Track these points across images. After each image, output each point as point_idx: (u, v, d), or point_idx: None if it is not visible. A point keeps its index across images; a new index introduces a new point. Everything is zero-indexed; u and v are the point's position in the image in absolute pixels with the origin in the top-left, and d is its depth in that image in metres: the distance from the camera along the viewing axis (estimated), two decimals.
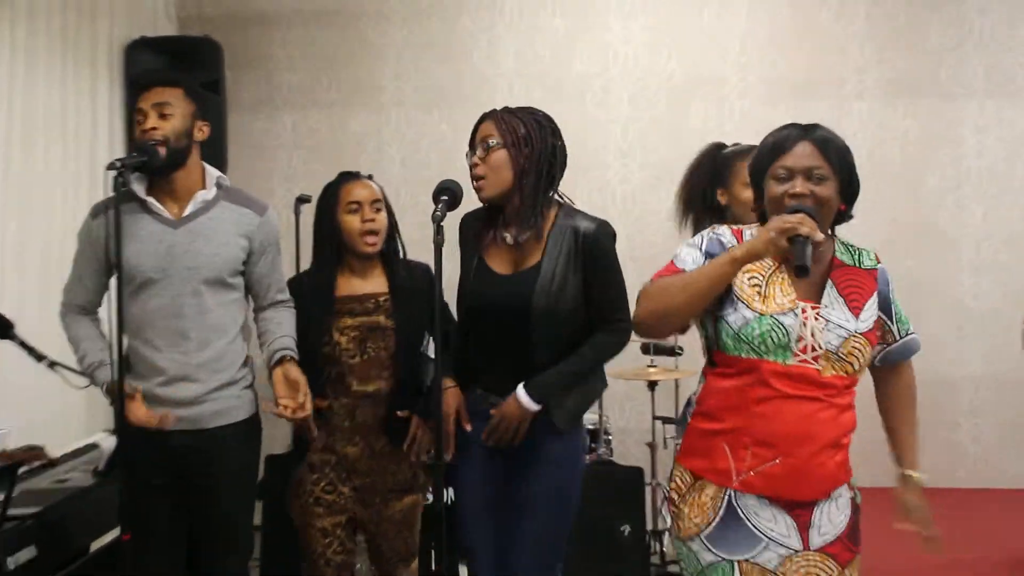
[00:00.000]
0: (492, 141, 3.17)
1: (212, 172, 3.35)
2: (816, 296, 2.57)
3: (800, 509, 2.55)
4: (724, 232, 2.67)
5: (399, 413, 3.47)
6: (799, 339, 2.51)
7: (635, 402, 6.02)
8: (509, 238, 3.24)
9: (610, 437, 5.37)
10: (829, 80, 6.10)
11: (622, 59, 6.17)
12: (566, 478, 3.27)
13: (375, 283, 3.56)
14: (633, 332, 3.22)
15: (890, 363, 2.74)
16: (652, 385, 5.25)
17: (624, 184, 6.15)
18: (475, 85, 6.21)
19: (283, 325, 3.39)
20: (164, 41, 5.81)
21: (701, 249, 2.66)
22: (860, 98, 6.09)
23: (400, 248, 3.63)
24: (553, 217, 3.25)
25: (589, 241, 3.21)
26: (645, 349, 5.26)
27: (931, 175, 6.16)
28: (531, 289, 3.17)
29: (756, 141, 3.63)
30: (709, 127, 5.99)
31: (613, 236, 3.29)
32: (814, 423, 2.50)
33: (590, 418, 4.76)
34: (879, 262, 2.67)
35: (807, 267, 2.40)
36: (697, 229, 3.50)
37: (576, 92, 6.18)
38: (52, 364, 3.74)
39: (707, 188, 3.52)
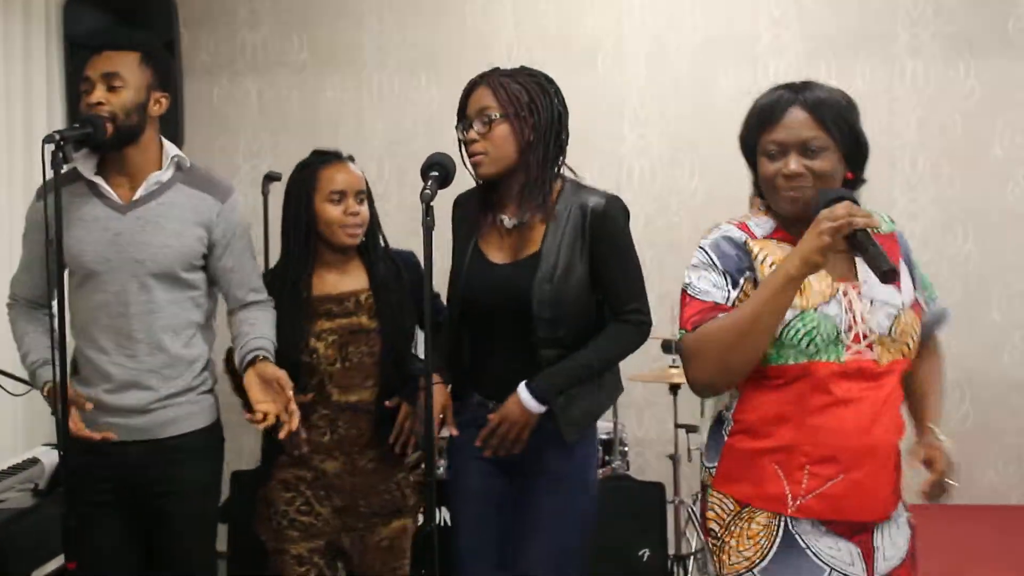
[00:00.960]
0: (493, 114, 3.19)
1: (169, 150, 3.35)
2: (851, 273, 2.57)
3: (861, 533, 2.56)
4: (730, 230, 2.67)
5: (387, 403, 3.49)
6: (849, 328, 2.52)
7: (655, 408, 6.05)
8: (507, 221, 3.27)
9: (626, 448, 5.41)
10: (878, 35, 6.08)
11: (638, 12, 6.17)
12: (577, 496, 3.30)
13: (354, 279, 3.57)
14: (651, 329, 3.28)
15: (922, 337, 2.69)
16: (674, 389, 5.28)
17: (641, 158, 6.16)
18: (468, 45, 6.21)
19: (257, 325, 3.38)
20: None
21: (717, 267, 2.63)
22: (915, 56, 6.07)
23: (381, 238, 3.65)
24: (557, 194, 3.28)
25: (597, 219, 3.23)
26: (666, 347, 5.28)
27: (997, 145, 6.16)
28: (531, 278, 3.20)
29: None
30: (739, 92, 5.98)
31: (626, 213, 3.31)
32: (877, 427, 2.51)
33: (603, 426, 4.79)
34: (893, 223, 2.69)
35: (895, 268, 2.38)
36: None
37: (585, 52, 6.18)
38: None
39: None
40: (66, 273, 3.18)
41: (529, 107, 3.21)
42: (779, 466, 2.56)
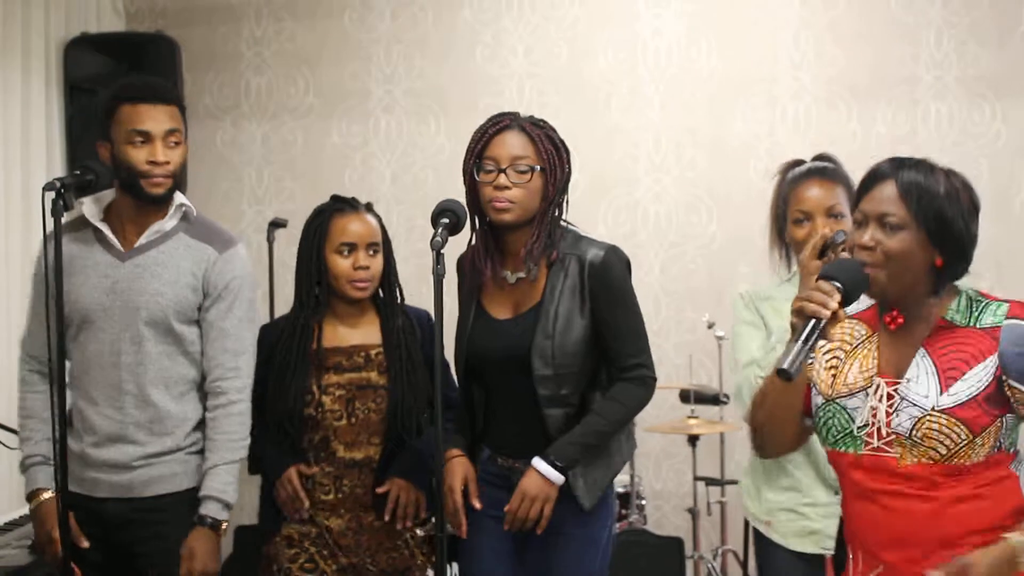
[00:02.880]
0: (534, 165, 3.20)
1: (177, 199, 3.35)
2: (900, 368, 2.56)
3: None
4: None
5: (379, 490, 3.48)
6: (865, 424, 2.53)
7: (673, 460, 6.01)
8: (510, 276, 3.28)
9: (644, 502, 5.39)
10: (900, 78, 6.09)
11: (653, 55, 6.18)
12: (592, 557, 3.31)
13: (366, 332, 3.56)
14: (656, 380, 3.30)
15: None
16: (693, 440, 5.26)
17: (657, 203, 6.15)
18: (478, 88, 6.21)
19: (218, 446, 3.30)
20: (110, 39, 5.88)
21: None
22: (939, 99, 6.08)
23: (398, 292, 3.64)
24: (557, 244, 3.29)
25: (596, 271, 3.24)
26: (684, 397, 5.28)
27: None
28: (532, 334, 3.20)
29: (812, 150, 3.69)
30: (757, 134, 6.01)
31: (626, 263, 3.33)
32: (906, 523, 2.50)
33: (620, 479, 4.77)
34: (1013, 317, 2.54)
35: (786, 371, 2.36)
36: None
37: (599, 95, 6.18)
38: None
39: (784, 214, 3.53)
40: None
41: (560, 163, 3.24)
42: (849, 548, 2.66)
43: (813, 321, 2.40)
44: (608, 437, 3.30)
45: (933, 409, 2.48)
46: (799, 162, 3.56)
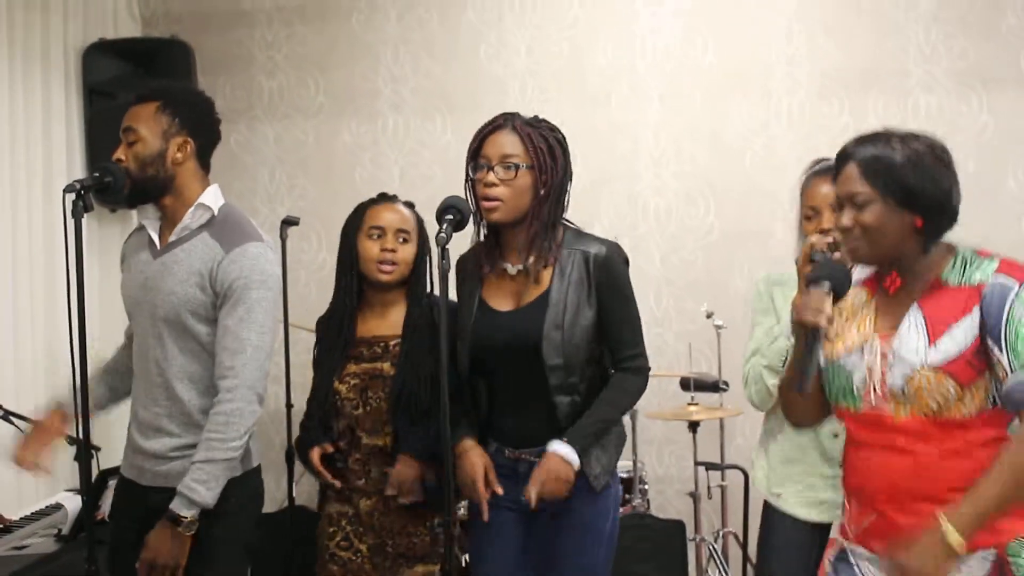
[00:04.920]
0: (520, 163, 3.22)
1: (202, 198, 3.32)
2: (894, 325, 2.63)
3: None
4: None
5: (387, 470, 3.55)
6: (864, 380, 2.61)
7: (675, 446, 6.03)
8: (511, 268, 3.30)
9: (646, 487, 5.41)
10: (890, 71, 6.10)
11: (651, 52, 6.20)
12: (597, 542, 3.34)
13: (392, 324, 3.64)
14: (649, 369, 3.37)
15: (1009, 407, 2.53)
16: (694, 426, 5.29)
17: (657, 196, 6.16)
18: (482, 87, 6.25)
19: (201, 443, 3.19)
20: (126, 43, 5.91)
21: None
22: (928, 91, 6.09)
23: (428, 284, 3.68)
24: (560, 241, 3.31)
25: (600, 266, 3.28)
26: (685, 384, 5.30)
27: (1011, 179, 6.16)
28: (540, 323, 3.24)
29: (806, 143, 3.73)
30: (753, 128, 6.03)
31: (626, 260, 3.37)
32: (897, 474, 2.56)
33: (623, 465, 4.79)
34: (1003, 274, 2.56)
35: (804, 389, 2.61)
36: None
37: (599, 92, 6.20)
38: (6, 415, 3.80)
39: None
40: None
41: (550, 161, 3.25)
42: (846, 497, 2.74)
43: (812, 332, 2.56)
44: (614, 424, 3.37)
45: (923, 366, 2.53)
46: (823, 161, 3.59)
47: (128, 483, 3.28)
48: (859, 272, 2.75)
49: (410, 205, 3.69)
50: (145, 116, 3.25)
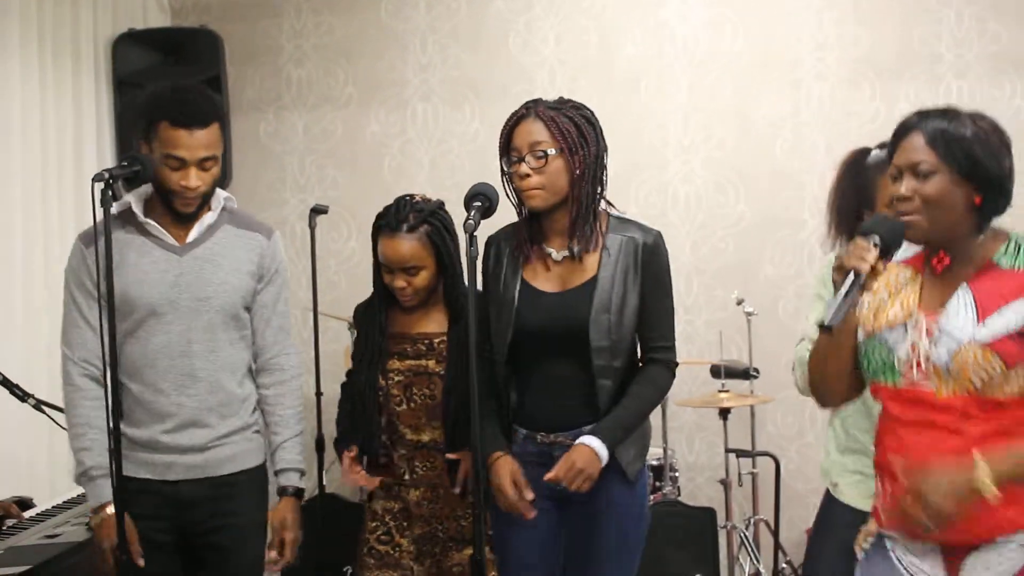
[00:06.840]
0: (549, 149, 3.19)
1: (219, 193, 3.37)
2: (941, 301, 2.58)
3: (952, 554, 2.55)
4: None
5: (449, 456, 3.50)
6: (907, 356, 2.56)
7: (705, 433, 6.00)
8: (556, 254, 3.28)
9: (677, 474, 5.38)
10: (921, 57, 6.04)
11: (680, 40, 6.15)
12: (632, 529, 3.34)
13: (434, 321, 3.60)
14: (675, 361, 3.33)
15: None
16: (724, 413, 5.26)
17: (687, 184, 6.12)
18: (511, 75, 6.20)
19: (287, 421, 3.45)
20: (156, 34, 5.92)
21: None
22: (960, 76, 6.03)
23: (464, 282, 3.55)
24: (604, 226, 3.29)
25: (648, 254, 3.28)
26: (715, 372, 5.28)
27: None
28: (588, 305, 3.22)
29: (836, 129, 3.66)
30: (783, 115, 5.98)
31: (666, 250, 3.35)
32: (936, 454, 2.49)
33: (654, 452, 4.76)
34: None
35: (827, 325, 2.47)
36: None
37: (628, 80, 6.16)
38: (38, 404, 3.80)
39: (857, 207, 3.49)
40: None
41: (580, 141, 3.22)
42: (878, 477, 2.69)
43: (853, 276, 2.46)
44: (645, 417, 3.36)
45: (970, 341, 2.49)
46: (866, 151, 3.52)
47: (145, 483, 3.25)
48: (906, 250, 2.67)
49: (414, 227, 3.49)
50: (215, 140, 3.24)
